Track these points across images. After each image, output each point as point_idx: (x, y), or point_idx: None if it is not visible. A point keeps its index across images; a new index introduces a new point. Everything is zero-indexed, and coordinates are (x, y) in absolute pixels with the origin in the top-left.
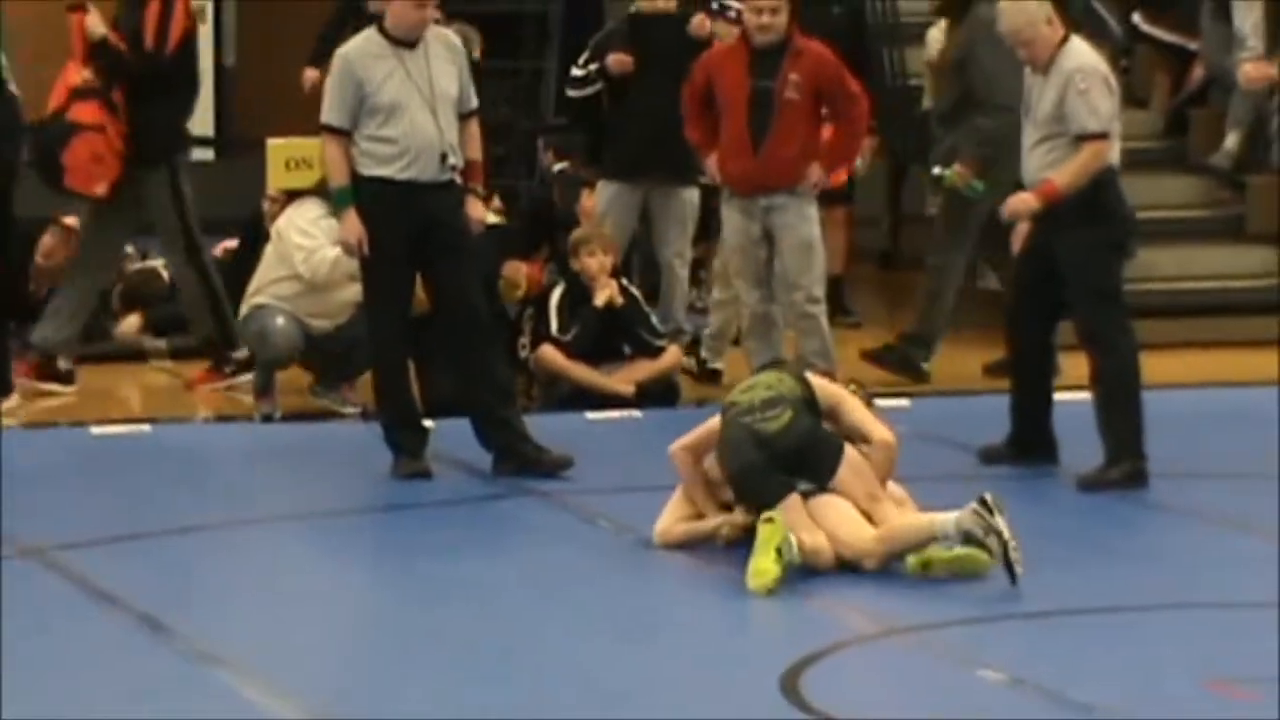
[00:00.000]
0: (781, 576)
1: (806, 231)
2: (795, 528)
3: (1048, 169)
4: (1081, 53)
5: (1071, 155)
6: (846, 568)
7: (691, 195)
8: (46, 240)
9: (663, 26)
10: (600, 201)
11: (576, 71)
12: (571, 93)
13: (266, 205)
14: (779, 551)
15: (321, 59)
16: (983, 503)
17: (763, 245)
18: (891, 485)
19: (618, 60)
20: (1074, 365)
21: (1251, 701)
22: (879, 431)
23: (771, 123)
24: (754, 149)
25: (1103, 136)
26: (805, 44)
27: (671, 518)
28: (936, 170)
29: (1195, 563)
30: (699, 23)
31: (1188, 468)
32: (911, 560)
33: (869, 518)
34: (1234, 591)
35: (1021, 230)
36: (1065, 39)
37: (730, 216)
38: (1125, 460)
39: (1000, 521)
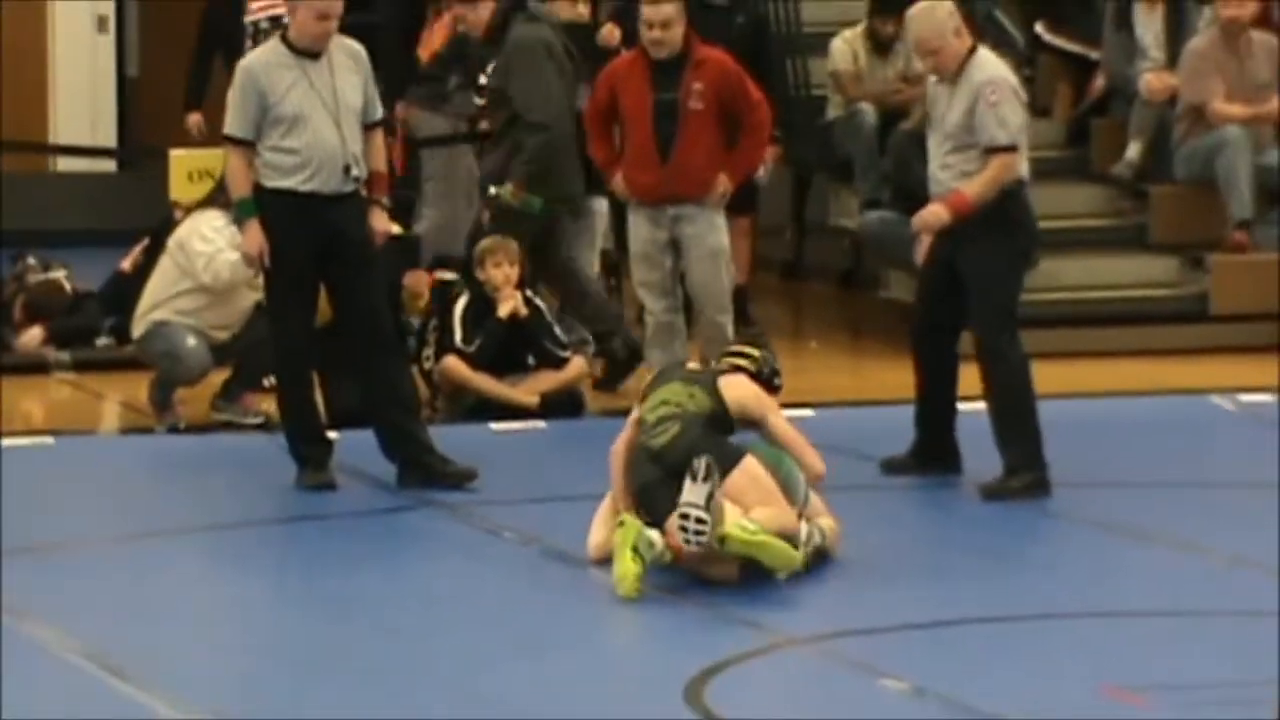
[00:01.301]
0: (642, 573)
1: (715, 241)
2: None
3: (958, 180)
4: (991, 64)
5: (980, 167)
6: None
7: (600, 205)
8: None
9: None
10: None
11: (485, 81)
12: (479, 101)
13: (179, 215)
14: (635, 550)
15: (198, 99)
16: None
17: (669, 254)
18: (814, 499)
19: None
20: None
21: (1147, 707)
22: (810, 457)
23: (677, 133)
24: (661, 159)
25: (1012, 149)
26: (706, 53)
27: (605, 530)
28: (492, 190)
29: (1095, 571)
30: (608, 32)
31: (1090, 477)
32: (716, 531)
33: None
34: (1132, 600)
35: (926, 242)
36: (973, 50)
37: (637, 225)
38: (1025, 470)
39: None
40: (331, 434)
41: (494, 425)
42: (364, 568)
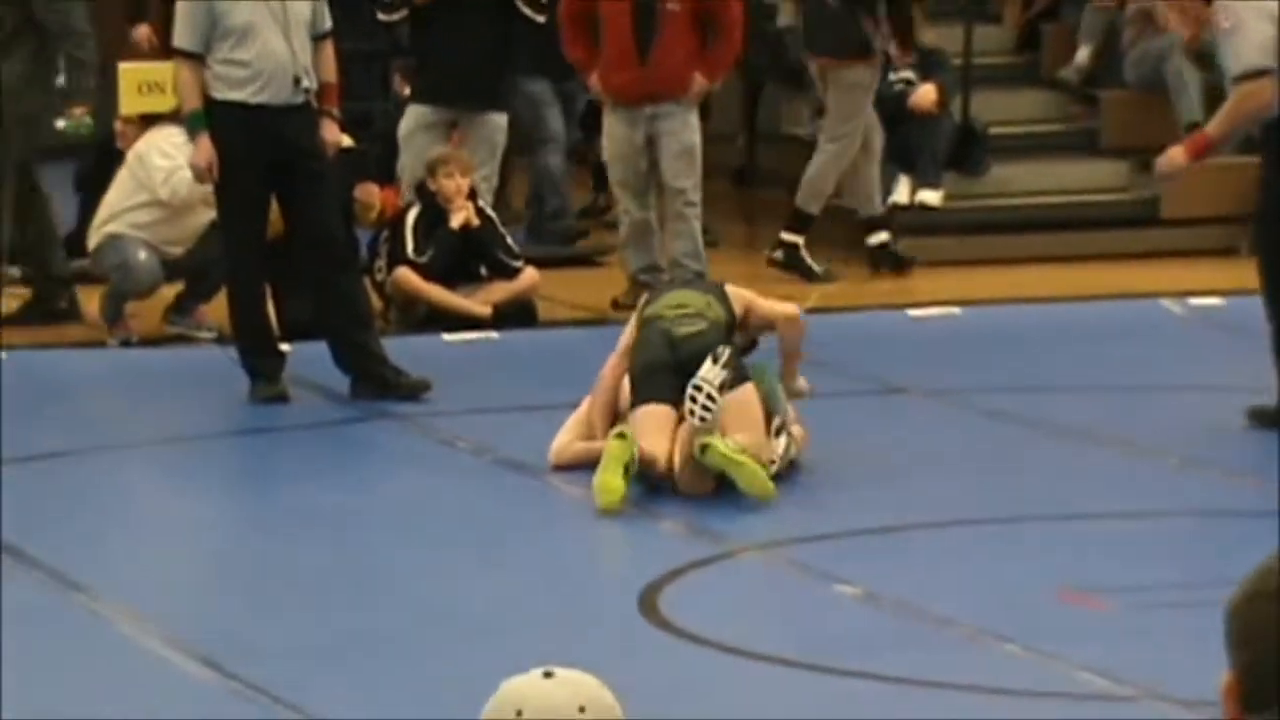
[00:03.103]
0: (626, 492)
1: (688, 138)
2: (642, 433)
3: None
4: None
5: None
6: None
7: (500, 120)
8: None
9: None
10: (405, 125)
11: None
12: (381, 17)
13: (119, 127)
14: (626, 469)
15: (141, 11)
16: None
17: (645, 154)
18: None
19: None
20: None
21: (1104, 611)
22: (782, 308)
23: (656, 33)
24: (640, 59)
25: (1252, 76)
26: None
27: (568, 436)
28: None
29: (1047, 475)
30: None
31: (1041, 381)
32: (699, 438)
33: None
34: (1085, 503)
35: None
36: None
37: (614, 127)
38: None
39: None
40: (284, 346)
41: (446, 336)
42: (318, 480)
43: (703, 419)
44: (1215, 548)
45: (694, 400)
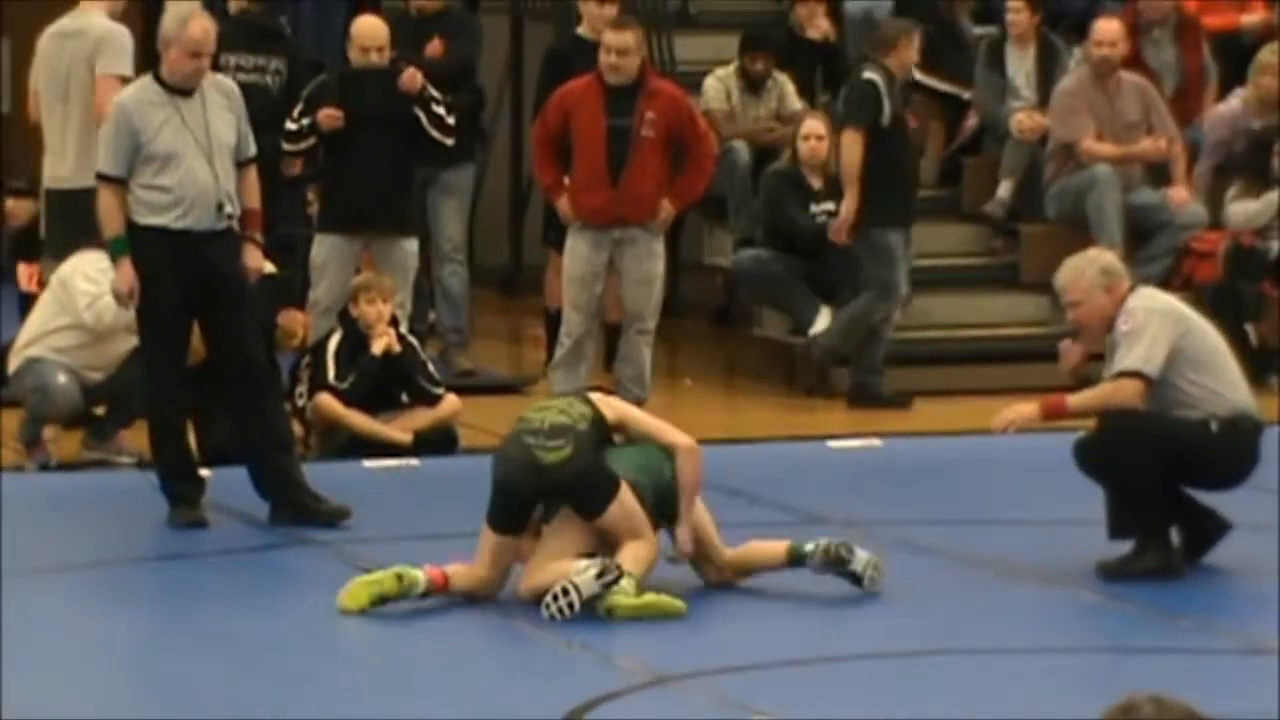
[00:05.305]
0: (368, 604)
1: (651, 267)
2: (477, 559)
3: None
4: (1137, 298)
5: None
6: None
7: (412, 245)
8: None
9: (373, 80)
10: (318, 255)
11: (290, 126)
12: (287, 147)
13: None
14: (382, 597)
15: None
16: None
17: (602, 278)
18: (703, 513)
19: (327, 116)
20: None
21: None
22: (676, 437)
23: (628, 158)
24: (611, 182)
25: (1134, 375)
26: (659, 84)
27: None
28: None
29: (965, 608)
30: (409, 76)
31: (960, 514)
32: (603, 604)
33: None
34: (1003, 637)
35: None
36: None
37: (577, 248)
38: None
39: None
40: (204, 471)
41: (367, 463)
42: (236, 606)
43: (551, 615)
44: (1133, 683)
45: (556, 600)
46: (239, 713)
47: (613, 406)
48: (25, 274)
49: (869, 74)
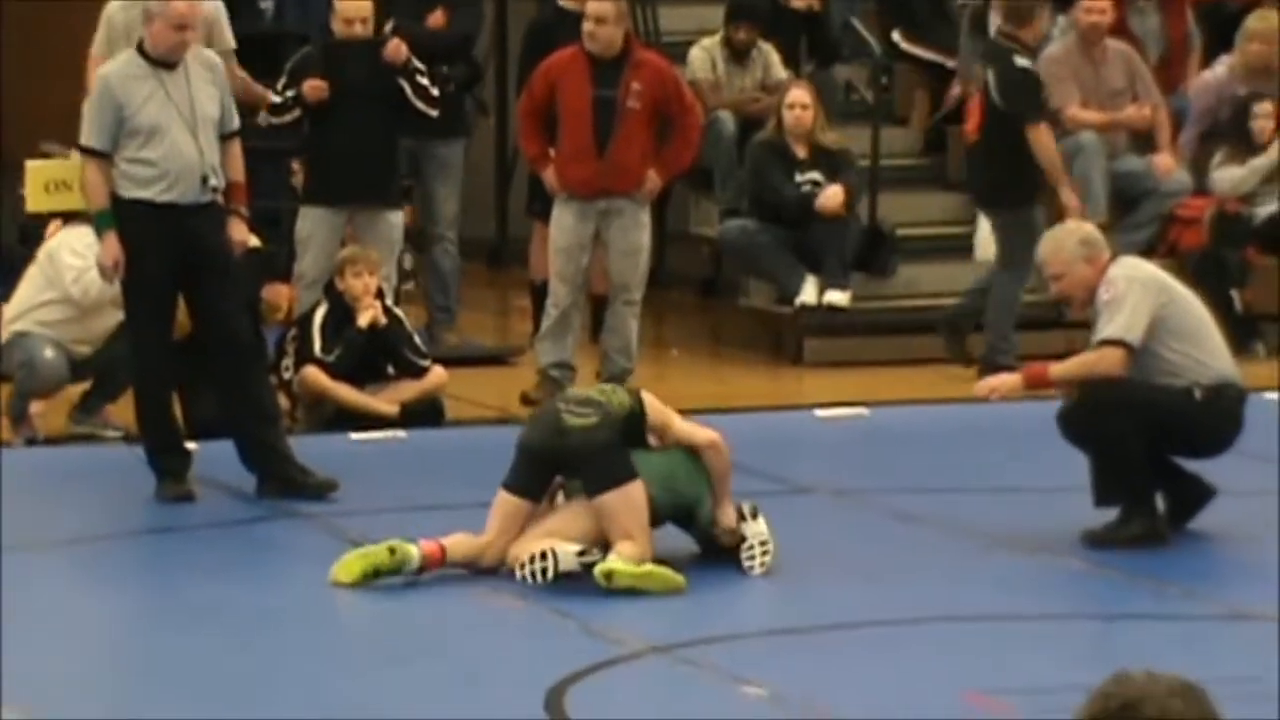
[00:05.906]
0: (361, 578)
1: (637, 238)
2: (488, 526)
3: None
4: (1120, 266)
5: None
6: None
7: (396, 218)
8: None
9: (357, 52)
10: (303, 228)
11: (274, 98)
12: (271, 119)
13: (51, 229)
14: (376, 570)
15: None
16: (739, 510)
17: (588, 250)
18: (669, 412)
19: (312, 87)
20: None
21: (1007, 712)
22: (704, 434)
23: (614, 129)
24: (598, 153)
25: (1118, 344)
26: (645, 55)
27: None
28: None
29: (952, 576)
30: (394, 48)
31: (948, 482)
32: (599, 569)
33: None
34: (991, 604)
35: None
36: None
37: (563, 219)
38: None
39: (757, 526)
40: (190, 445)
41: (354, 435)
42: (223, 579)
43: (524, 579)
44: (1119, 650)
45: (533, 561)
46: (227, 685)
47: (659, 410)
48: None
49: (1020, 61)
